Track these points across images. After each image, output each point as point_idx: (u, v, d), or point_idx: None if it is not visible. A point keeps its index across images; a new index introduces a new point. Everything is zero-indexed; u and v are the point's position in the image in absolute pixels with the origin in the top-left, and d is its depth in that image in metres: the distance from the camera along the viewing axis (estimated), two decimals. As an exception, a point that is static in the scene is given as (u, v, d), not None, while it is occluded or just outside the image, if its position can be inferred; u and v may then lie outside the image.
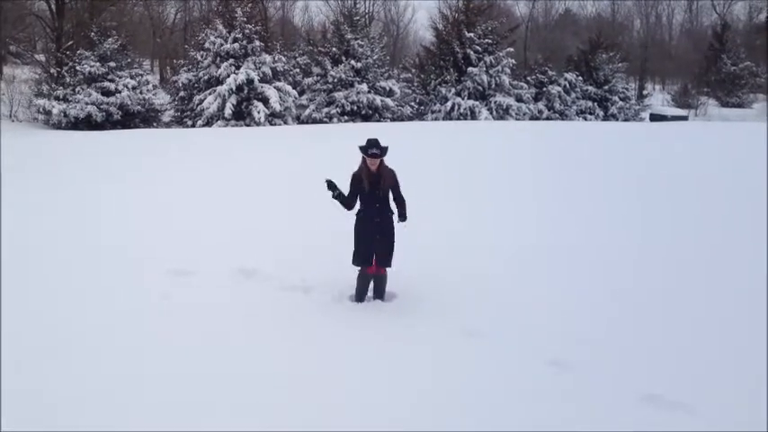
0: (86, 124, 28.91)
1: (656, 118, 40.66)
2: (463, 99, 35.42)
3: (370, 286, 6.61)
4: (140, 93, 30.89)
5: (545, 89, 38.67)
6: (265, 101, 30.74)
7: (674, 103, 50.16)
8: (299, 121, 32.99)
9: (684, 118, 41.40)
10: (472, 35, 36.42)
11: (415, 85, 37.70)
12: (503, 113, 35.36)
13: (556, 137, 23.09)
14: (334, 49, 34.58)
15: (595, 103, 40.00)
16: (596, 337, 5.72)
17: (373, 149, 6.16)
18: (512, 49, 38.25)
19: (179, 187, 12.88)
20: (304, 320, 6.09)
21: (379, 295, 6.59)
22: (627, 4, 71.20)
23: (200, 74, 31.91)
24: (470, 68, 35.87)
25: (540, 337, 5.68)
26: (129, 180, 13.51)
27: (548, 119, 37.01)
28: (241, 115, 30.81)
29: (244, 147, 19.72)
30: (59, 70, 30.70)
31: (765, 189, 11.84)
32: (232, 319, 6.08)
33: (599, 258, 8.26)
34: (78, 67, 29.88)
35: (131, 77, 30.82)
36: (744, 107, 53.49)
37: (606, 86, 40.53)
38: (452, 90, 35.81)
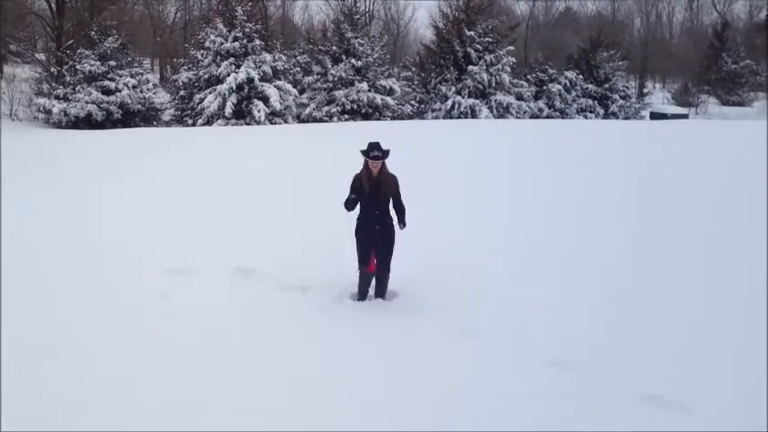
0: (87, 123, 28.90)
1: (656, 116, 40.65)
2: (463, 97, 35.41)
3: (372, 285, 6.61)
4: (141, 92, 30.87)
5: (545, 87, 38.65)
6: (266, 100, 30.73)
7: (675, 102, 50.13)
8: (299, 119, 32.98)
9: (685, 116, 41.39)
10: (472, 33, 36.39)
11: (416, 83, 37.67)
12: (503, 112, 35.35)
13: (556, 135, 23.10)
14: (334, 47, 34.56)
15: (596, 102, 39.99)
16: (595, 337, 5.72)
17: (375, 152, 6.14)
18: (512, 48, 38.24)
19: (178, 186, 12.88)
20: (303, 320, 6.09)
21: (381, 294, 6.60)
22: (627, 2, 71.07)
23: (201, 73, 31.90)
24: (471, 67, 35.86)
25: (540, 337, 5.68)
26: (129, 179, 13.51)
27: (548, 117, 36.99)
28: (241, 114, 30.81)
29: (244, 146, 19.73)
30: (60, 69, 30.68)
31: (765, 188, 11.83)
32: (231, 318, 6.08)
33: (598, 258, 8.25)
34: (78, 66, 29.86)
35: (132, 76, 30.80)
36: (744, 105, 53.44)
37: (606, 85, 40.51)
38: (453, 88, 35.79)
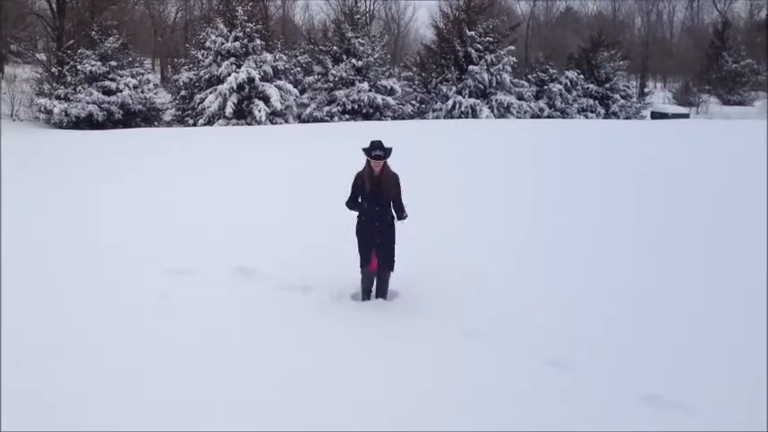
0: (88, 123, 28.91)
1: (657, 116, 40.66)
2: (464, 97, 35.40)
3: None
4: (141, 92, 30.88)
5: (546, 87, 38.63)
6: (266, 99, 30.73)
7: (676, 101, 50.13)
8: (300, 119, 32.98)
9: (686, 116, 41.40)
10: (473, 33, 36.39)
11: (416, 83, 37.66)
12: (504, 112, 35.34)
13: (557, 135, 23.10)
14: (334, 47, 34.56)
15: (596, 101, 39.97)
16: (595, 336, 5.72)
17: (377, 151, 6.13)
18: (513, 48, 38.23)
19: (179, 186, 12.87)
20: (303, 320, 6.09)
21: (382, 294, 6.59)
22: (628, 2, 71.07)
23: (201, 73, 31.91)
24: (471, 67, 35.84)
25: (540, 336, 5.67)
26: (130, 179, 13.50)
27: (549, 117, 36.99)
28: (242, 114, 30.81)
29: (245, 146, 19.73)
30: (60, 69, 30.68)
31: (766, 188, 11.81)
32: (231, 318, 6.08)
33: (598, 258, 8.25)
34: (79, 67, 29.86)
35: (132, 76, 30.81)
36: (745, 105, 53.44)
37: (607, 84, 40.50)
38: (453, 88, 35.78)
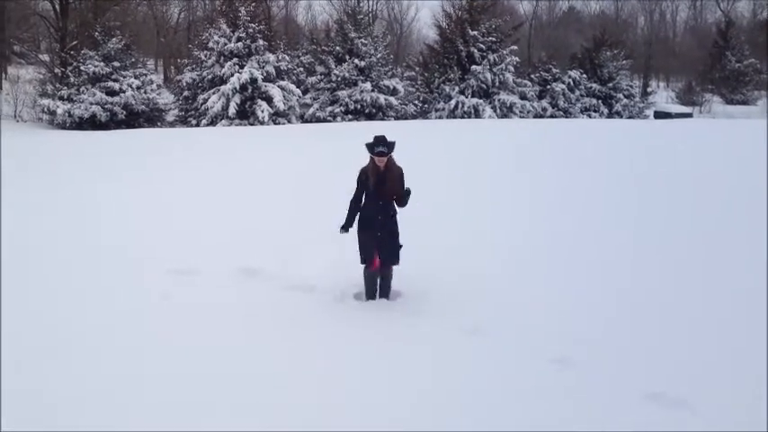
0: (91, 124, 28.98)
1: (660, 115, 40.62)
2: (467, 97, 35.38)
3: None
4: (144, 92, 30.97)
5: (549, 87, 38.61)
6: (269, 100, 30.77)
7: (679, 101, 50.06)
8: (302, 119, 33.02)
9: (689, 115, 41.35)
10: (476, 33, 36.38)
11: (419, 83, 37.66)
12: (506, 111, 35.32)
13: (560, 135, 23.06)
14: (337, 47, 34.59)
15: (599, 101, 39.92)
16: (595, 336, 5.68)
17: (380, 148, 6.10)
18: (515, 47, 38.23)
19: (182, 187, 12.88)
20: (305, 320, 6.07)
21: (384, 294, 6.56)
22: (631, 1, 70.88)
23: (204, 73, 31.96)
24: (474, 66, 35.83)
25: (540, 336, 5.64)
26: (132, 180, 13.52)
27: (552, 117, 36.95)
28: (245, 114, 30.85)
29: (247, 146, 19.74)
30: (64, 70, 30.78)
31: (766, 187, 11.76)
32: (233, 319, 6.06)
33: (598, 258, 8.21)
34: (82, 67, 29.95)
35: (135, 77, 30.90)
36: (748, 104, 53.32)
37: (610, 84, 40.45)
38: (456, 88, 35.77)
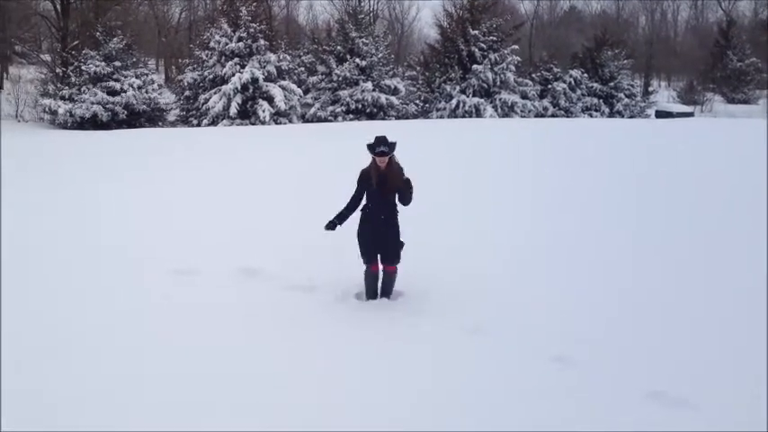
0: (92, 124, 29.00)
1: (661, 115, 40.59)
2: (468, 97, 35.36)
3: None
4: (146, 92, 30.97)
5: (550, 86, 38.59)
6: (270, 100, 30.77)
7: (680, 100, 50.03)
8: (304, 119, 33.02)
9: (690, 114, 41.33)
10: (477, 33, 36.36)
11: (420, 82, 37.64)
12: (508, 111, 35.30)
13: (561, 134, 23.05)
14: (338, 47, 34.58)
15: (601, 100, 39.90)
16: (596, 336, 5.67)
17: (381, 148, 6.08)
18: (516, 47, 38.19)
19: (183, 186, 12.87)
20: (305, 320, 6.06)
21: (386, 294, 6.54)
22: (632, 0, 70.91)
23: (206, 73, 31.97)
24: (475, 66, 35.81)
25: (541, 336, 5.63)
26: (133, 179, 13.51)
27: (553, 116, 36.94)
28: (246, 114, 30.85)
29: (249, 146, 19.73)
30: (65, 70, 30.80)
31: (767, 187, 11.74)
32: (233, 319, 6.05)
33: (600, 257, 8.20)
34: (84, 67, 29.95)
35: (137, 77, 30.90)
36: (750, 103, 53.31)
37: (611, 83, 40.42)
38: (457, 88, 35.75)
